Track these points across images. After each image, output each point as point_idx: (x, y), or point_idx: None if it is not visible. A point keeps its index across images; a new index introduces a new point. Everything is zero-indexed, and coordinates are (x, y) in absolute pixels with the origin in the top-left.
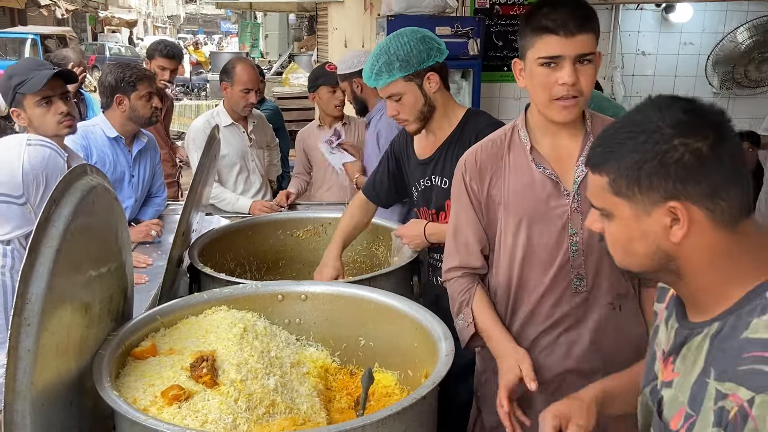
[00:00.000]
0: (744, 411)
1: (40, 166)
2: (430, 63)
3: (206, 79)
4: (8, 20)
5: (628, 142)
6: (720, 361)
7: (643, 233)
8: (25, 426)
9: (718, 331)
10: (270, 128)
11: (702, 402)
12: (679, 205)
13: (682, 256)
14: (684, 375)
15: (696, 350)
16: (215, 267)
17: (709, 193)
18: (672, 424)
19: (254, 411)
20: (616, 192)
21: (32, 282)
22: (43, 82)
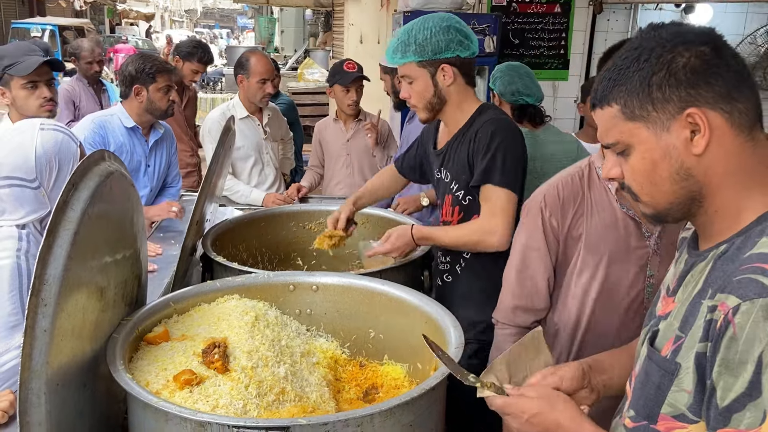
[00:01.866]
0: (727, 319)
1: (53, 150)
2: (448, 55)
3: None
4: (27, 11)
5: (632, 65)
6: (719, 280)
7: (666, 152)
8: (40, 405)
9: (723, 252)
10: (284, 121)
11: (693, 322)
12: (697, 111)
13: (704, 170)
14: (681, 302)
15: (700, 274)
16: (228, 257)
17: (723, 94)
18: (663, 351)
19: (264, 398)
20: (630, 116)
21: (50, 264)
22: (32, 68)
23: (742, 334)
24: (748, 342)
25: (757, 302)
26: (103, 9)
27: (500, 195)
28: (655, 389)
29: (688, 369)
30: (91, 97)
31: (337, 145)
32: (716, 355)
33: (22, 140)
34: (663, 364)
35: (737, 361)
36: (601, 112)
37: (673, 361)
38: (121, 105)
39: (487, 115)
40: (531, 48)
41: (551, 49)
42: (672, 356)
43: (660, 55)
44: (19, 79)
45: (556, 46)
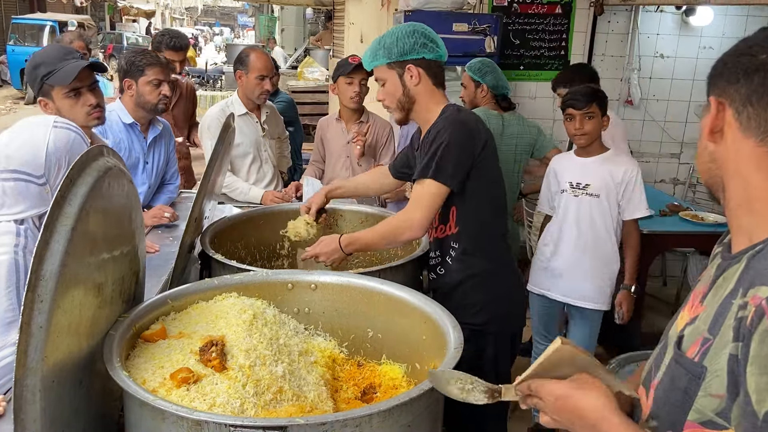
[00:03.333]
0: (761, 308)
1: (64, 149)
2: (413, 56)
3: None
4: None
5: (728, 51)
6: (750, 277)
7: (701, 128)
8: (35, 402)
9: (759, 251)
10: (281, 120)
11: (723, 323)
12: (714, 100)
13: (718, 159)
14: (711, 305)
15: (731, 276)
16: (226, 255)
17: (742, 96)
18: (688, 352)
19: (262, 396)
20: (708, 87)
21: (46, 259)
22: (74, 75)
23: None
24: None
25: None
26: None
27: (423, 187)
28: (681, 395)
29: (717, 372)
30: None
31: (338, 146)
32: (748, 353)
33: (35, 136)
34: (690, 367)
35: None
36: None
37: (700, 365)
38: (119, 101)
39: (443, 115)
40: (531, 49)
41: (552, 50)
42: (699, 359)
43: (743, 51)
44: (60, 88)
45: (557, 47)
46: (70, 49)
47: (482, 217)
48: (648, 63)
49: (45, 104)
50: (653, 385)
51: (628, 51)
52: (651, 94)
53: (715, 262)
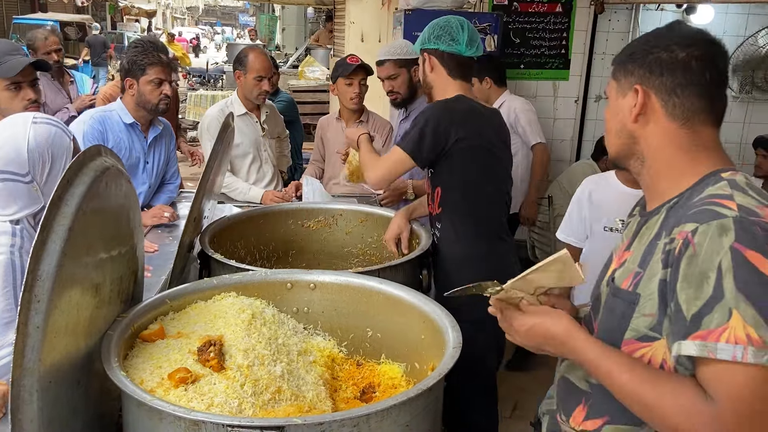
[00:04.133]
0: (687, 240)
1: (46, 144)
2: (429, 46)
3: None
4: (28, 6)
5: (639, 42)
6: (672, 222)
7: (616, 111)
8: (32, 402)
9: (675, 204)
10: (281, 119)
11: (651, 258)
12: (641, 88)
13: (641, 137)
14: (638, 249)
15: (654, 224)
16: (226, 254)
17: (668, 88)
18: (623, 285)
19: (260, 396)
20: (613, 76)
21: (43, 259)
22: (18, 69)
23: (701, 250)
24: (708, 255)
25: (712, 224)
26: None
27: (392, 152)
28: (619, 319)
29: (650, 296)
30: (58, 92)
31: (338, 145)
32: (677, 274)
33: (15, 133)
34: (626, 296)
35: (698, 273)
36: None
37: (634, 293)
38: (120, 101)
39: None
40: (532, 47)
41: (552, 48)
42: (633, 289)
43: (654, 44)
44: (2, 81)
45: (557, 45)
46: (17, 45)
47: (469, 208)
48: None
49: None
50: (596, 322)
51: None
52: None
53: (635, 220)
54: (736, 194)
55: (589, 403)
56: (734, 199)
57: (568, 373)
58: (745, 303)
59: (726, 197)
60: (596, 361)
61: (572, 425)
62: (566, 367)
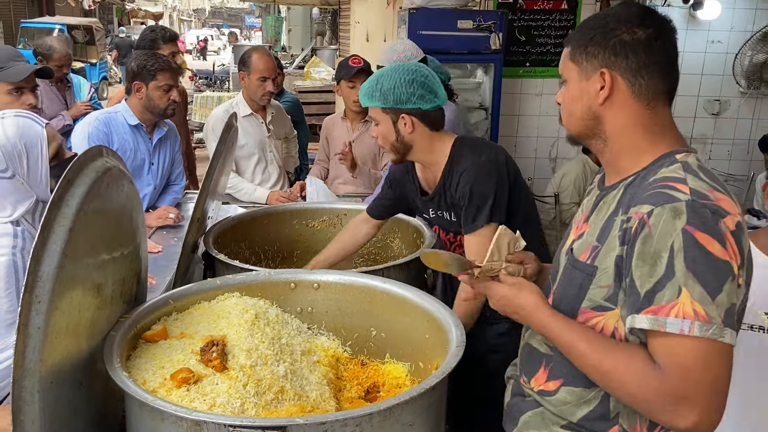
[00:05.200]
0: (643, 221)
1: (16, 136)
2: (409, 107)
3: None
4: (36, 10)
5: (598, 21)
6: (628, 200)
7: (581, 93)
8: (33, 403)
9: (631, 182)
10: (288, 119)
11: (608, 234)
12: (608, 72)
13: (607, 118)
14: (596, 223)
15: (612, 200)
16: (230, 255)
17: (634, 70)
18: (581, 257)
19: (263, 396)
20: (572, 58)
21: (44, 260)
22: (25, 75)
23: (656, 231)
24: (662, 236)
25: (666, 206)
26: (111, 8)
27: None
28: (577, 290)
29: (606, 269)
30: (55, 97)
31: (343, 145)
32: (632, 252)
33: None
34: (584, 268)
35: (653, 253)
36: (564, 50)
37: (592, 265)
38: (125, 102)
39: (465, 154)
40: (537, 45)
41: (558, 46)
42: (591, 261)
43: (613, 27)
44: (4, 85)
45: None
46: (17, 52)
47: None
48: None
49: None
50: (553, 290)
51: None
52: None
53: (594, 194)
54: (689, 177)
55: (549, 365)
56: (687, 182)
57: (531, 339)
58: (693, 281)
59: (679, 180)
60: (558, 332)
61: (533, 386)
62: (530, 335)
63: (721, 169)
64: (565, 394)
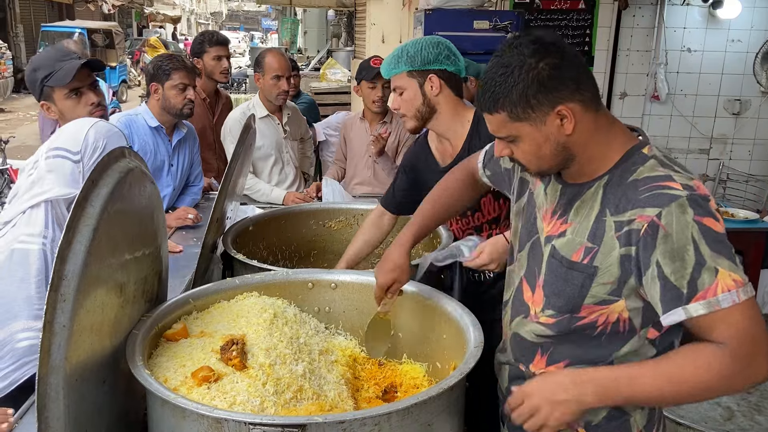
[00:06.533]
0: (654, 223)
1: (104, 133)
2: (436, 66)
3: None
4: (56, 14)
5: (508, 80)
6: (614, 201)
7: (546, 138)
8: (58, 400)
9: (608, 182)
10: (304, 120)
11: (603, 235)
12: (563, 107)
13: (573, 141)
14: (579, 222)
15: (591, 200)
16: (248, 255)
17: (575, 89)
18: (573, 257)
19: (282, 395)
20: (516, 119)
21: (69, 259)
22: (71, 75)
23: (672, 229)
24: (680, 231)
25: (672, 205)
26: (130, 12)
27: None
28: (578, 289)
29: (609, 268)
30: None
31: (361, 145)
32: (652, 253)
33: (80, 124)
34: (583, 269)
35: (677, 248)
36: (492, 117)
37: (591, 266)
38: (145, 105)
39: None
40: None
41: (575, 46)
42: (590, 262)
43: (528, 71)
44: (60, 90)
45: (580, 42)
46: (67, 50)
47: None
48: (675, 57)
49: (48, 108)
50: (539, 284)
51: (654, 45)
52: (678, 89)
53: (555, 188)
54: (672, 173)
55: (548, 351)
56: (674, 179)
57: (518, 329)
58: (720, 258)
59: (666, 178)
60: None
61: (533, 370)
62: (516, 324)
63: (742, 169)
64: None
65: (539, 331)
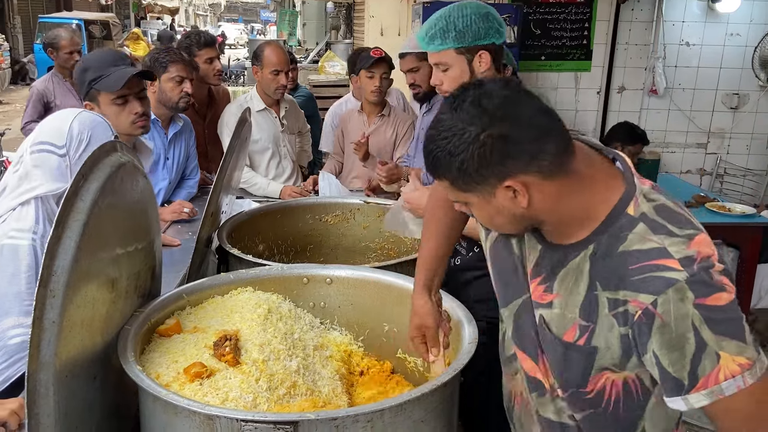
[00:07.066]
0: (649, 311)
1: (88, 124)
2: (486, 42)
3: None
4: (54, 5)
5: (447, 148)
6: (605, 275)
7: (498, 210)
8: (48, 396)
9: (594, 251)
10: (302, 114)
11: (597, 312)
12: (512, 181)
13: (536, 211)
14: (567, 295)
15: (576, 270)
16: (244, 249)
17: (528, 160)
18: (566, 336)
19: (275, 391)
20: (461, 188)
21: (58, 255)
22: (122, 83)
23: (670, 318)
24: (678, 320)
25: (668, 292)
26: (128, 3)
27: None
28: (582, 368)
29: (609, 348)
30: (68, 92)
31: (358, 138)
32: (648, 341)
33: (63, 115)
34: (582, 350)
35: (676, 338)
36: (438, 181)
37: (589, 347)
38: None
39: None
40: (553, 38)
41: (573, 39)
42: (586, 342)
43: (468, 143)
44: (108, 95)
45: (579, 36)
46: (121, 54)
47: None
48: (673, 51)
49: (90, 109)
50: (540, 354)
51: (652, 39)
52: (677, 83)
53: (532, 244)
54: (666, 244)
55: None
56: (670, 253)
57: (544, 413)
58: (724, 340)
59: (661, 255)
60: None
61: None
62: (536, 405)
63: (740, 164)
64: None
65: (566, 408)
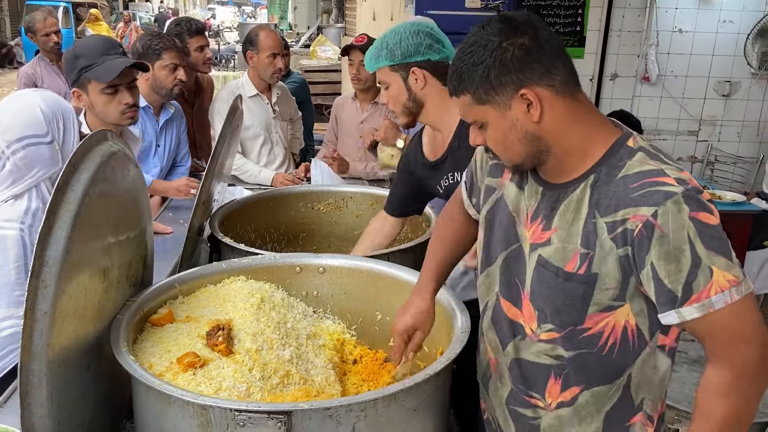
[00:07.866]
0: (649, 223)
1: (55, 106)
2: (418, 58)
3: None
4: None
5: (471, 60)
6: (604, 201)
7: (512, 124)
8: (41, 387)
9: (595, 180)
10: (293, 101)
11: (596, 238)
12: (527, 90)
13: (544, 131)
14: (567, 227)
15: (577, 201)
16: (236, 238)
17: (544, 72)
18: (568, 267)
19: (268, 381)
20: (480, 101)
21: (50, 245)
22: (115, 74)
23: (668, 229)
24: (676, 231)
25: (667, 204)
26: None
27: None
28: (579, 300)
29: (609, 272)
30: (56, 76)
31: (352, 125)
32: (647, 254)
33: (23, 102)
34: (581, 278)
35: (674, 249)
36: (458, 100)
37: (590, 273)
38: None
39: None
40: (548, 25)
41: (567, 26)
42: (586, 270)
43: (492, 51)
44: (97, 83)
45: (572, 23)
46: (114, 42)
47: None
48: (666, 38)
49: (78, 95)
50: (524, 297)
51: (645, 26)
52: (669, 70)
53: (535, 189)
54: (663, 167)
55: (561, 375)
56: (666, 173)
57: (522, 354)
58: (715, 256)
59: (659, 173)
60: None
61: (549, 401)
62: (514, 348)
63: (731, 151)
64: (588, 397)
65: (547, 350)
